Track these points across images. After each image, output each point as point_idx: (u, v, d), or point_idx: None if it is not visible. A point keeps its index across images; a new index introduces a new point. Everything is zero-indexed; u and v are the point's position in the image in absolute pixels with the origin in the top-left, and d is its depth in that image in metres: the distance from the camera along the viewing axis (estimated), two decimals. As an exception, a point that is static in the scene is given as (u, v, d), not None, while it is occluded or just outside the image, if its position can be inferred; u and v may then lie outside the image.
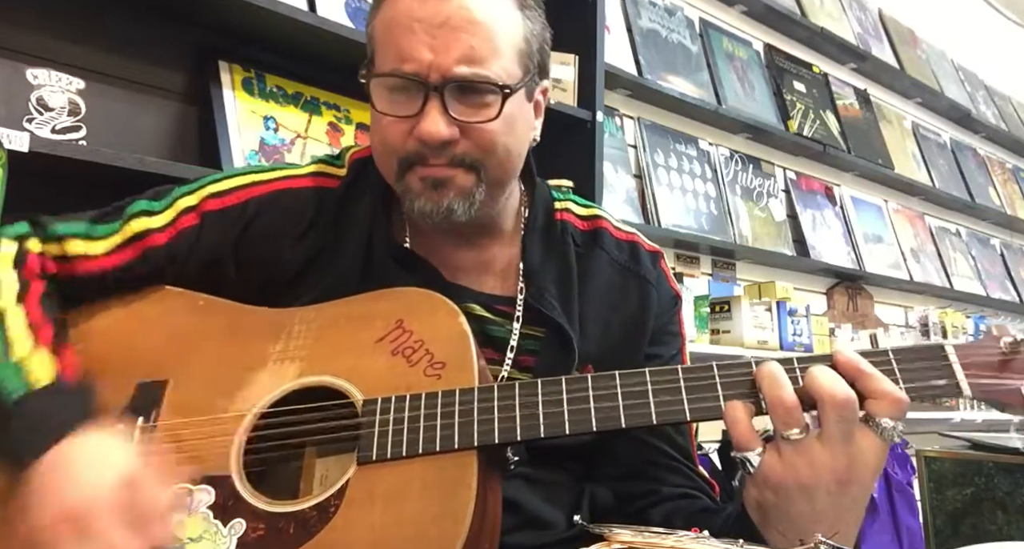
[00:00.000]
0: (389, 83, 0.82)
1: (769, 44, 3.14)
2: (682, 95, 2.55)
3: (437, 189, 0.83)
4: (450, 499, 0.67)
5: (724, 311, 2.53)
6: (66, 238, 0.85)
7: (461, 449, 0.70)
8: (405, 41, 0.80)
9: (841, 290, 3.25)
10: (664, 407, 0.71)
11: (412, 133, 0.82)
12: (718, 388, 0.71)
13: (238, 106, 1.58)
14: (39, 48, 1.42)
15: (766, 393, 0.68)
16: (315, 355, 0.79)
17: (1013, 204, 4.32)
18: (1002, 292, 4.02)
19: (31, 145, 1.21)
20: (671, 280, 0.99)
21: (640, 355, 0.93)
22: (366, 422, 0.73)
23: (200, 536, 0.69)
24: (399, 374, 0.76)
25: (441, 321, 0.78)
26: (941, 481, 1.72)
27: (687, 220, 2.55)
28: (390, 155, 0.85)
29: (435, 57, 0.79)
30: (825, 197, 3.25)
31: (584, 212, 0.99)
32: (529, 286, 0.91)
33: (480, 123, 0.82)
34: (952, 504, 1.69)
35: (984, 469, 1.66)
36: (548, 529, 0.85)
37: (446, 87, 0.80)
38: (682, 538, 0.69)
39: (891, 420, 0.66)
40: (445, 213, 0.83)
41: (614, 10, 2.49)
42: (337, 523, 0.68)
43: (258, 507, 0.70)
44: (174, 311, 0.86)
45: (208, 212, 0.89)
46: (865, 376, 0.68)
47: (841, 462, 0.66)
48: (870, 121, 3.49)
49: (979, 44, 4.57)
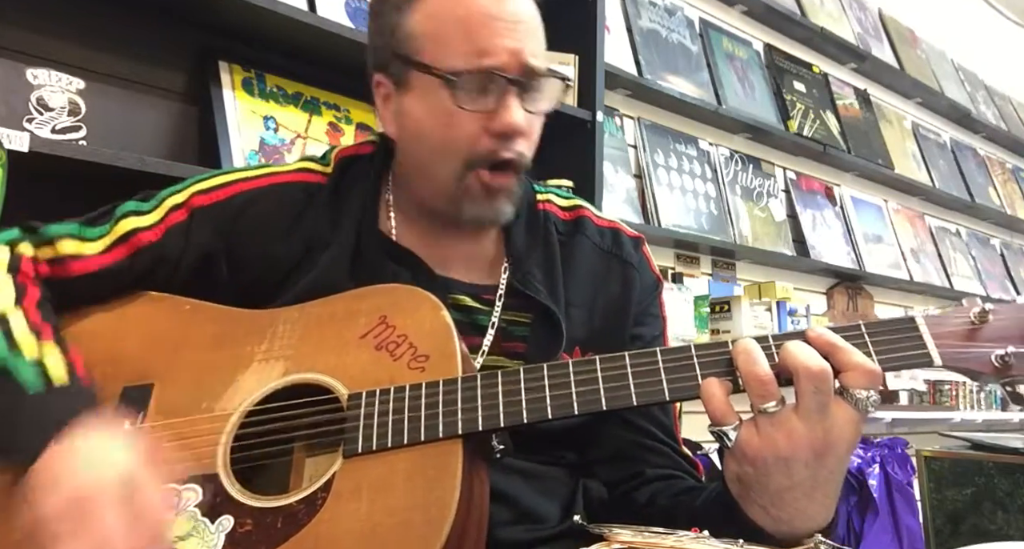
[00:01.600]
0: (467, 80, 0.83)
1: (769, 44, 3.14)
2: (682, 95, 2.55)
3: (496, 197, 0.87)
4: (436, 487, 0.67)
5: (724, 311, 2.53)
6: (58, 239, 0.86)
7: (446, 438, 0.71)
8: (483, 37, 0.83)
9: (841, 290, 3.25)
10: (643, 388, 0.71)
11: (487, 130, 0.84)
12: (696, 367, 0.71)
13: (238, 106, 1.58)
14: (39, 48, 1.42)
15: (742, 368, 0.69)
16: (300, 353, 0.80)
17: (1013, 204, 4.33)
18: (1002, 292, 4.02)
19: (31, 145, 1.21)
20: (652, 265, 1.02)
21: (624, 336, 0.95)
22: (351, 416, 0.73)
23: (188, 534, 0.69)
24: (383, 368, 0.76)
25: (424, 315, 0.79)
26: (941, 481, 1.72)
27: (687, 220, 2.55)
28: (455, 153, 0.86)
29: (515, 52, 0.83)
30: (825, 197, 3.25)
31: (565, 203, 1.02)
32: (515, 272, 0.92)
33: (541, 115, 0.89)
34: (952, 504, 1.69)
35: (984, 469, 1.66)
36: (542, 523, 0.86)
37: (523, 82, 0.84)
38: (682, 538, 0.69)
39: (864, 391, 0.67)
40: (498, 217, 0.89)
41: (614, 10, 2.49)
42: (324, 515, 0.68)
43: (246, 503, 0.71)
44: (159, 315, 0.87)
45: (196, 208, 0.90)
46: (838, 349, 0.69)
47: (818, 433, 0.66)
48: (870, 121, 3.49)
49: (979, 44, 4.57)
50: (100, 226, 0.88)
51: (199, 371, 0.81)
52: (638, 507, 0.89)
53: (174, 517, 0.69)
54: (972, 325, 0.71)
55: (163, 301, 0.88)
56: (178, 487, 0.72)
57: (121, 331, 0.86)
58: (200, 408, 0.78)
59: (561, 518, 0.87)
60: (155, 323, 0.86)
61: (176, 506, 0.71)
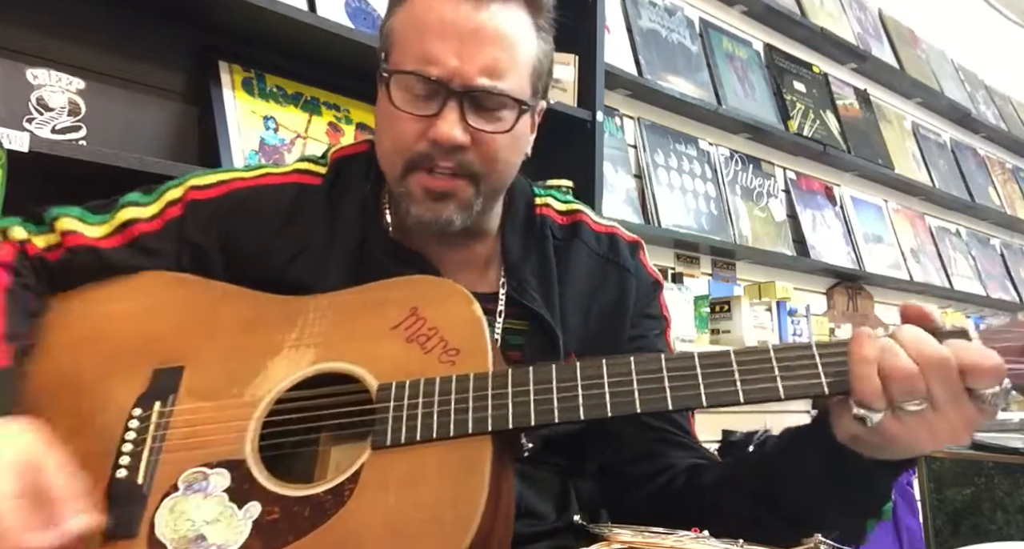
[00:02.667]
0: (410, 82, 0.83)
1: (769, 44, 3.14)
2: (682, 95, 2.55)
3: (439, 201, 0.85)
4: (464, 483, 0.67)
5: (724, 311, 2.53)
6: (59, 217, 0.87)
7: (475, 434, 0.70)
8: (433, 43, 0.82)
9: (841, 290, 3.25)
10: (679, 392, 0.70)
11: (425, 134, 0.83)
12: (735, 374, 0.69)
13: (238, 106, 1.58)
14: (39, 48, 1.42)
15: (886, 363, 0.65)
16: (330, 342, 0.80)
17: (1013, 204, 4.33)
18: (1002, 292, 4.03)
19: (31, 145, 1.21)
20: (650, 268, 1.01)
21: (622, 341, 0.95)
22: (380, 407, 0.73)
23: (216, 518, 0.69)
24: (414, 360, 0.76)
25: (455, 309, 0.79)
26: (941, 481, 1.72)
27: (687, 220, 2.55)
28: (398, 153, 0.86)
29: (461, 64, 0.81)
30: (825, 197, 3.25)
31: (564, 207, 1.01)
32: (510, 280, 0.92)
33: (493, 133, 0.84)
34: (952, 504, 1.69)
35: (984, 469, 1.66)
36: (540, 519, 0.87)
37: (467, 95, 0.82)
38: (682, 538, 0.69)
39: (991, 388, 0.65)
40: (444, 224, 0.86)
41: (614, 10, 2.49)
42: (351, 507, 0.68)
43: (273, 490, 0.71)
44: (191, 298, 0.87)
45: (191, 201, 0.91)
46: None
47: (957, 427, 0.66)
48: (870, 121, 3.49)
49: (979, 44, 4.57)
50: (101, 214, 0.90)
51: (230, 356, 0.81)
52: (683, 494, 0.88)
53: (83, 501, 0.67)
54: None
55: (195, 284, 0.88)
56: (207, 471, 0.73)
57: (153, 312, 0.86)
58: (230, 393, 0.78)
59: (556, 516, 0.88)
60: (187, 306, 0.86)
61: (204, 490, 0.71)
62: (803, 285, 3.09)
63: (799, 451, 0.77)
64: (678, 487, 0.89)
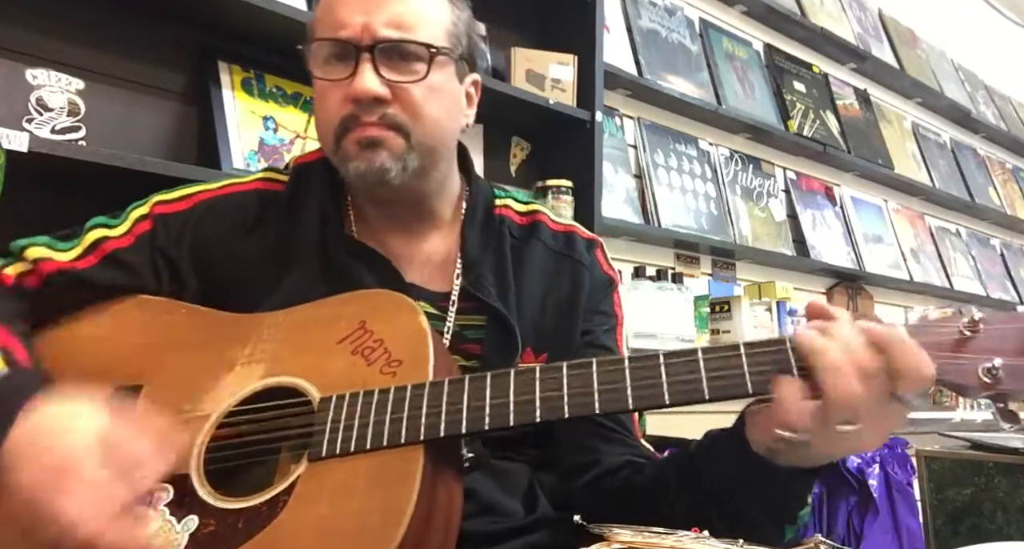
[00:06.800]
0: (325, 52, 0.88)
1: (769, 44, 3.14)
2: (682, 95, 2.55)
3: (370, 148, 0.87)
4: (393, 492, 0.68)
5: (724, 311, 2.53)
6: (28, 247, 0.88)
7: (408, 443, 0.71)
8: (339, 10, 0.87)
9: (841, 290, 3.25)
10: (607, 395, 0.70)
11: (348, 97, 0.86)
12: (662, 377, 0.69)
13: (238, 106, 1.58)
14: (39, 48, 1.42)
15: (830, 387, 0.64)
16: (279, 357, 0.81)
17: (1013, 204, 4.33)
18: (1002, 292, 4.02)
19: (31, 145, 1.21)
20: (605, 266, 1.03)
21: (575, 334, 0.96)
22: (319, 419, 0.74)
23: (156, 533, 0.71)
24: (357, 373, 0.77)
25: (402, 320, 0.80)
26: (941, 481, 1.72)
27: (687, 220, 2.55)
28: (328, 124, 0.89)
29: (367, 19, 0.86)
30: (825, 197, 3.25)
31: (523, 208, 1.04)
32: (467, 275, 0.94)
33: (408, 83, 0.87)
34: (952, 504, 1.69)
35: (984, 469, 1.66)
36: (506, 516, 0.87)
37: (376, 48, 0.85)
38: (682, 538, 0.69)
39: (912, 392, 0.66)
40: (379, 173, 0.87)
41: (614, 10, 2.49)
42: (284, 518, 0.69)
43: (211, 504, 0.72)
44: (154, 319, 0.89)
45: (158, 215, 0.93)
46: None
47: (881, 434, 0.67)
48: (870, 121, 3.49)
49: (979, 44, 4.57)
50: (70, 240, 0.91)
51: (185, 373, 0.83)
52: (612, 492, 0.89)
53: (164, 464, 0.69)
54: (960, 335, 0.66)
55: (159, 305, 0.90)
56: None
57: (117, 334, 0.88)
58: (183, 409, 0.79)
59: (526, 512, 0.88)
60: (150, 326, 0.88)
61: (149, 504, 0.72)
62: (803, 285, 3.09)
63: (714, 455, 0.78)
64: (615, 483, 0.89)
